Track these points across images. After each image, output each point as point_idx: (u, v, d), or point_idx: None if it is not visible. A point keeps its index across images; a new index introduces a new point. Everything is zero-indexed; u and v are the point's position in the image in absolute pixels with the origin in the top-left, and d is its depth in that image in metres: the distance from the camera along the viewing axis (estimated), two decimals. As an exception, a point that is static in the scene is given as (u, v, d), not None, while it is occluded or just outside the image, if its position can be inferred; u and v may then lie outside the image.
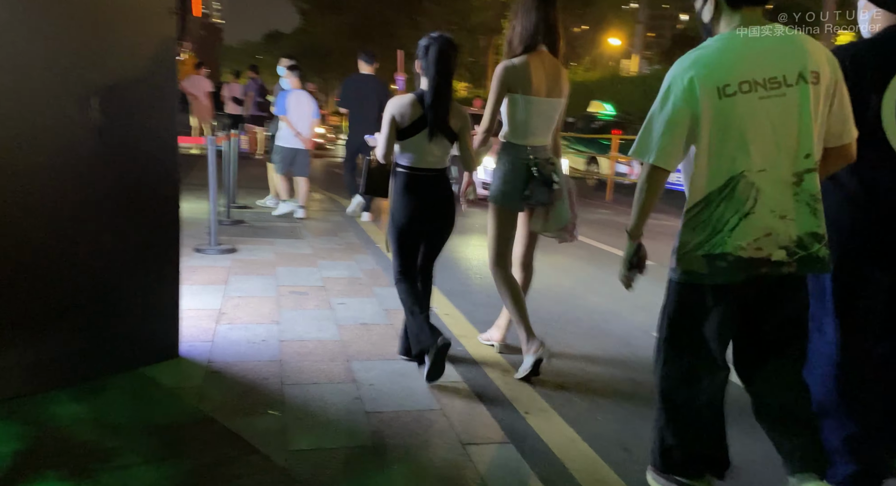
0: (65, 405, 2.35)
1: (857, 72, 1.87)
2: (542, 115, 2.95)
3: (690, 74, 1.76)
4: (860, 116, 1.86)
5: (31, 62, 2.25)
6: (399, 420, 2.45)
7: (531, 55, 2.91)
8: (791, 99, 1.73)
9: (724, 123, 1.75)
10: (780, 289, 1.85)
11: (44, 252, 2.38)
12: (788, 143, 1.74)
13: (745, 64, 1.74)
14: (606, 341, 3.68)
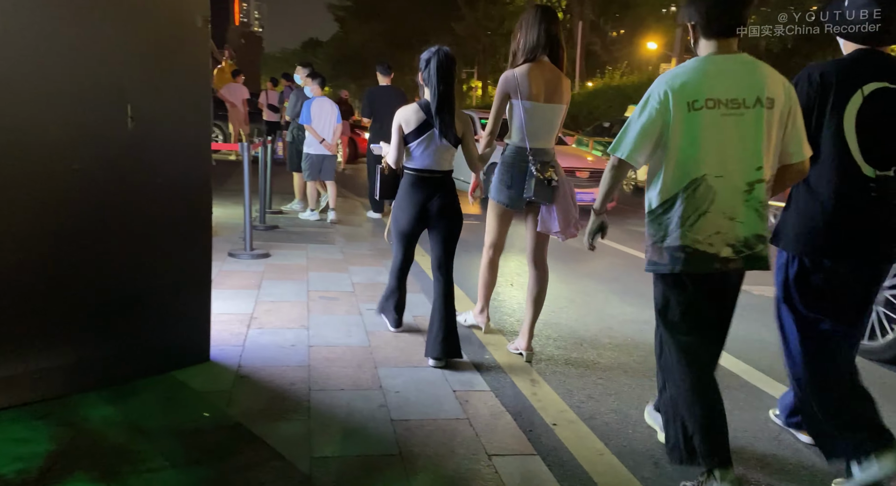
0: (98, 407, 2.40)
1: (825, 87, 2.16)
2: (542, 119, 3.15)
3: (666, 89, 2.03)
4: (827, 127, 2.15)
5: (67, 69, 2.32)
6: (424, 429, 2.42)
7: (532, 65, 3.12)
8: (748, 119, 2.00)
9: (691, 132, 2.01)
10: (730, 286, 2.14)
11: (78, 257, 2.44)
12: (743, 155, 2.01)
13: (712, 84, 2.01)
14: (638, 352, 3.60)
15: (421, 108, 3.09)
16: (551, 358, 3.40)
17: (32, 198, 2.29)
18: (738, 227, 2.02)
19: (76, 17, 2.31)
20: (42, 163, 2.30)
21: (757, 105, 2.00)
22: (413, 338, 3.43)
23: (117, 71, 2.44)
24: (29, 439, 2.14)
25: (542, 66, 3.14)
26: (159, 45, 2.56)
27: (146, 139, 2.55)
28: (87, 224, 2.45)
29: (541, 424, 2.62)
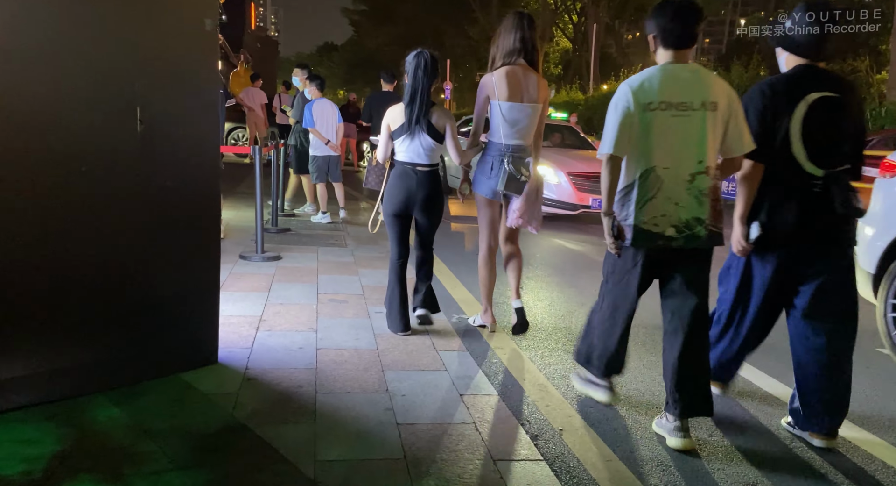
0: (105, 409, 2.41)
1: (774, 98, 2.47)
2: (519, 119, 3.40)
3: (630, 93, 2.41)
4: (776, 132, 2.45)
5: (77, 72, 2.34)
6: (430, 433, 2.41)
7: (509, 68, 3.38)
8: (694, 120, 2.37)
9: (646, 129, 2.39)
10: (679, 259, 2.50)
11: (86, 259, 2.46)
12: (688, 151, 2.39)
13: (665, 90, 2.38)
14: (649, 357, 3.55)
15: (405, 106, 3.40)
16: (560, 363, 3.37)
17: (40, 200, 2.31)
18: (681, 211, 2.41)
19: (87, 20, 2.33)
20: (51, 165, 2.32)
21: (702, 108, 2.37)
22: (421, 341, 3.42)
23: (127, 74, 2.46)
24: (36, 440, 2.15)
25: (519, 69, 3.38)
26: (168, 48, 2.57)
27: (155, 142, 2.56)
28: (95, 226, 2.46)
29: (548, 429, 2.59)
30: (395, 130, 3.44)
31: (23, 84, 2.22)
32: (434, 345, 3.37)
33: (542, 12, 31.53)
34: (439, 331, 3.62)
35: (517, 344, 3.59)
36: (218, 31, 2.77)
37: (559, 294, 4.86)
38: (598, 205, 4.21)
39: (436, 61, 3.38)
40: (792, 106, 2.44)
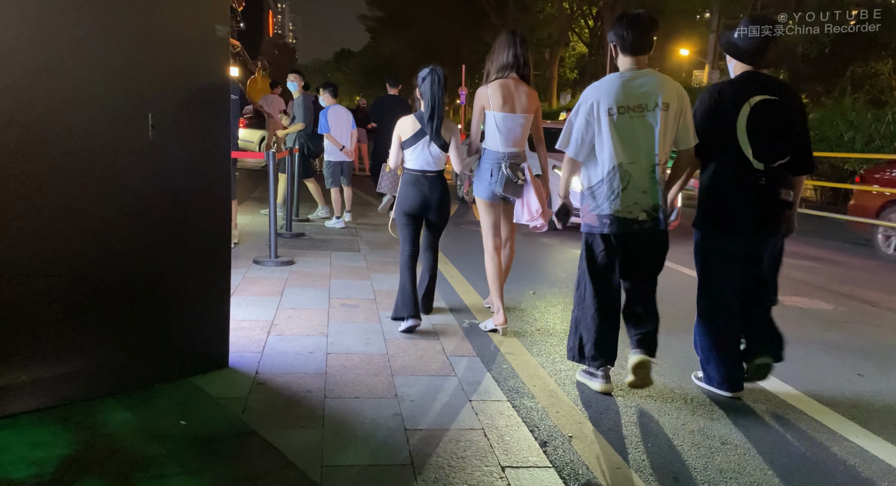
0: (116, 412, 2.43)
1: (721, 101, 2.85)
2: (512, 127, 3.66)
3: (592, 100, 2.79)
4: (724, 131, 2.82)
5: (91, 79, 2.37)
6: (438, 438, 2.39)
7: (502, 81, 3.65)
8: (649, 120, 2.75)
9: (611, 132, 2.77)
10: (644, 239, 2.85)
11: (98, 264, 2.48)
12: (647, 147, 2.77)
13: (623, 95, 2.76)
14: (662, 364, 3.51)
15: (417, 119, 3.68)
16: (571, 368, 3.33)
17: (53, 204, 2.34)
18: (649, 197, 2.79)
19: (101, 27, 2.36)
20: (66, 170, 2.35)
21: (656, 108, 2.74)
22: (430, 346, 3.41)
23: (139, 80, 2.49)
24: (47, 443, 2.17)
25: (511, 82, 3.66)
26: (180, 54, 2.60)
27: (166, 147, 2.59)
28: (107, 231, 2.49)
29: (557, 436, 2.57)
30: (406, 139, 3.70)
31: (39, 90, 2.25)
32: (444, 350, 3.36)
33: (558, 17, 31.48)
34: (449, 336, 3.60)
35: (528, 350, 3.56)
36: (229, 37, 2.80)
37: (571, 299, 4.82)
38: None
39: (446, 77, 3.68)
40: (737, 107, 2.81)
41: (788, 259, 6.94)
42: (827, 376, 3.47)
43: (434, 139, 3.65)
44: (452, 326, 3.81)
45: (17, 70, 2.20)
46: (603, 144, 2.79)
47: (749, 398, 3.07)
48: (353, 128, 7.36)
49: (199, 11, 2.64)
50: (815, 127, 12.43)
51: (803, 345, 3.97)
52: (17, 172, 2.24)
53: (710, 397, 3.05)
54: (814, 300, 5.15)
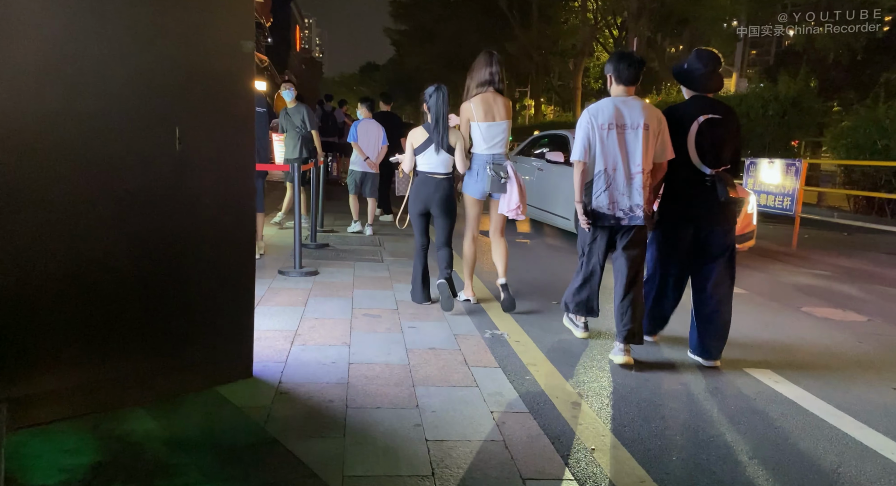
0: (142, 421, 2.47)
1: (677, 120, 3.50)
2: (493, 134, 4.32)
3: (589, 117, 3.47)
4: (679, 145, 3.47)
5: (122, 94, 2.44)
6: (458, 450, 2.39)
7: (482, 95, 4.32)
8: (633, 136, 3.41)
9: (601, 143, 3.43)
10: (623, 232, 3.51)
11: (127, 275, 2.54)
12: (629, 157, 3.42)
13: (614, 115, 3.43)
14: (686, 375, 3.45)
15: (425, 129, 4.34)
16: (594, 380, 3.30)
17: (86, 217, 2.41)
18: (626, 199, 3.44)
19: (131, 43, 2.43)
20: (98, 184, 2.42)
21: (639, 128, 3.40)
22: (452, 356, 3.41)
23: (167, 95, 2.56)
24: (76, 450, 2.22)
25: (489, 95, 4.31)
26: (207, 69, 2.66)
27: (193, 161, 2.65)
28: (135, 243, 2.55)
29: (579, 448, 2.54)
30: (418, 147, 4.36)
31: (71, 105, 2.32)
32: (466, 360, 3.35)
33: (581, 27, 31.44)
34: (471, 346, 3.59)
35: (550, 361, 3.54)
36: (254, 52, 2.85)
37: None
38: None
39: (448, 94, 4.35)
40: (688, 125, 3.46)
41: (819, 270, 6.76)
42: (861, 389, 3.38)
43: (441, 146, 4.30)
44: (474, 336, 3.81)
45: (55, 87, 2.27)
46: (595, 152, 3.47)
47: (779, 411, 3.00)
48: (384, 143, 7.77)
49: (225, 28, 2.70)
50: (848, 135, 12.16)
51: (836, 357, 3.87)
52: (52, 186, 2.31)
53: (738, 411, 2.99)
54: (847, 312, 5.02)
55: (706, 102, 3.52)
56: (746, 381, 3.40)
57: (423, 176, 4.38)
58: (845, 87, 18.43)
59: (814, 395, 3.22)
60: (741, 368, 3.60)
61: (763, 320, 4.66)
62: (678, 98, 20.43)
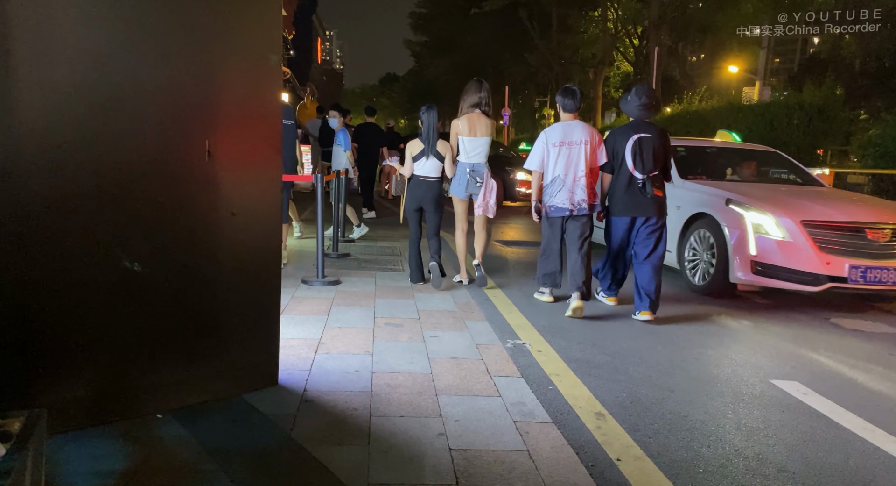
0: (172, 428, 2.52)
1: (618, 137, 4.67)
2: (475, 147, 5.26)
3: (545, 138, 4.76)
4: (620, 157, 4.63)
5: (154, 108, 2.50)
6: (482, 459, 2.39)
7: (469, 115, 5.24)
8: (577, 150, 4.65)
9: (552, 156, 4.67)
10: (574, 221, 4.74)
11: (156, 284, 2.59)
12: (574, 166, 4.65)
13: (561, 135, 4.68)
14: (713, 386, 3.42)
15: (420, 140, 5.28)
16: (619, 390, 3.28)
17: (119, 228, 2.47)
18: (575, 196, 4.70)
19: (162, 59, 2.50)
20: (130, 195, 2.48)
21: (581, 144, 4.67)
22: (475, 365, 3.41)
23: (197, 108, 2.62)
24: (107, 456, 2.27)
25: (475, 115, 5.23)
26: (235, 82, 2.72)
27: (222, 172, 2.71)
28: (166, 254, 2.60)
29: (604, 459, 2.52)
30: (415, 155, 5.28)
31: (107, 119, 2.39)
32: (488, 370, 3.36)
33: (602, 37, 31.40)
34: (493, 356, 3.60)
35: (573, 371, 3.52)
36: (281, 65, 2.91)
37: (618, 320, 4.75)
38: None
39: (437, 111, 5.40)
40: (626, 141, 4.63)
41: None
42: (893, 403, 3.31)
43: (433, 154, 5.22)
44: (496, 345, 3.81)
45: (92, 104, 2.34)
46: (549, 163, 4.77)
47: (808, 425, 2.96)
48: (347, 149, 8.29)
49: (253, 41, 2.76)
50: (877, 144, 11.95)
51: (867, 370, 3.80)
52: (86, 197, 2.38)
53: (765, 423, 2.95)
54: (877, 324, 4.93)
55: (641, 124, 4.70)
56: (774, 393, 3.36)
57: (416, 179, 5.28)
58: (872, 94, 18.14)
59: (844, 408, 3.17)
60: (768, 379, 3.55)
61: (790, 332, 4.59)
62: (699, 107, 20.33)
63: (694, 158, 6.88)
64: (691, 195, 5.82)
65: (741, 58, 30.72)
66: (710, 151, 7.12)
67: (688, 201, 5.81)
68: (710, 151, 7.16)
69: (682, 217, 5.81)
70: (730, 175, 6.69)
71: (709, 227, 5.48)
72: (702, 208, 5.57)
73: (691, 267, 5.73)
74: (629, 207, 4.63)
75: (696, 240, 5.67)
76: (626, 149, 4.59)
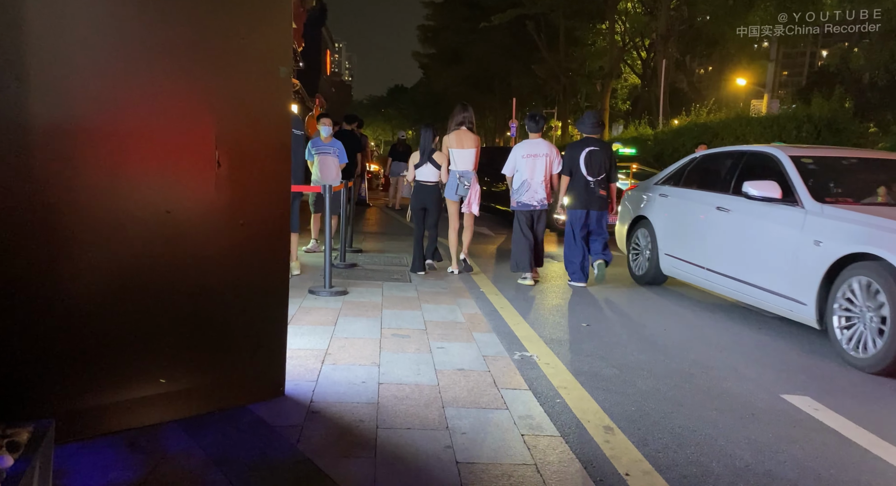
0: (179, 438, 2.51)
1: (572, 150, 6.33)
2: (463, 158, 6.42)
3: (517, 151, 6.41)
4: (575, 164, 6.23)
5: (164, 118, 2.53)
6: (489, 473, 2.37)
7: (457, 131, 6.45)
8: (539, 161, 6.27)
9: (522, 166, 6.32)
10: (537, 215, 6.36)
11: (164, 294, 2.60)
12: (538, 172, 6.26)
13: (529, 149, 6.35)
14: (723, 400, 3.38)
15: (418, 153, 6.59)
16: (627, 403, 3.25)
17: (123, 236, 2.48)
18: (538, 195, 6.24)
19: (173, 70, 2.53)
20: (139, 206, 2.49)
21: (542, 156, 6.24)
22: (482, 378, 3.39)
23: (207, 119, 2.64)
24: (115, 466, 2.27)
25: (462, 131, 6.44)
26: (246, 94, 2.74)
27: (231, 183, 2.72)
28: (175, 265, 2.61)
29: (612, 474, 2.50)
30: (416, 164, 6.54)
31: (116, 130, 2.41)
32: (495, 382, 3.34)
33: (610, 49, 31.50)
34: (500, 368, 3.58)
35: (581, 384, 3.50)
36: (291, 77, 2.93)
37: (626, 332, 4.72)
38: None
39: (436, 130, 6.78)
40: (580, 153, 6.18)
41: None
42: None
43: (430, 163, 6.47)
44: (503, 357, 3.79)
45: (106, 111, 2.37)
46: (519, 171, 6.33)
47: (819, 441, 2.92)
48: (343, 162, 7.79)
49: (264, 54, 2.78)
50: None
51: (879, 384, 3.75)
52: (96, 205, 2.40)
53: (775, 438, 2.92)
54: (887, 338, 4.86)
55: (591, 140, 6.34)
56: (784, 408, 3.32)
57: (419, 184, 6.53)
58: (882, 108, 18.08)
59: (856, 424, 3.13)
60: (778, 394, 3.51)
61: (800, 345, 4.54)
62: (707, 119, 20.37)
63: (829, 172, 5.21)
64: (838, 227, 4.21)
65: (749, 70, 30.71)
66: (850, 164, 5.45)
67: (833, 235, 4.19)
68: (849, 162, 5.49)
69: (825, 258, 4.17)
70: (884, 196, 4.87)
71: (874, 274, 3.85)
72: (861, 246, 3.97)
73: (844, 330, 4.10)
74: (584, 202, 6.25)
75: (851, 291, 4.02)
76: (580, 159, 6.21)
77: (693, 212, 5.81)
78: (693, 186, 6.13)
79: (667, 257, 6.16)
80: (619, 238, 7.22)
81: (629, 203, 7.14)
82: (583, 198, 6.20)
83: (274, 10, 2.80)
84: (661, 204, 6.43)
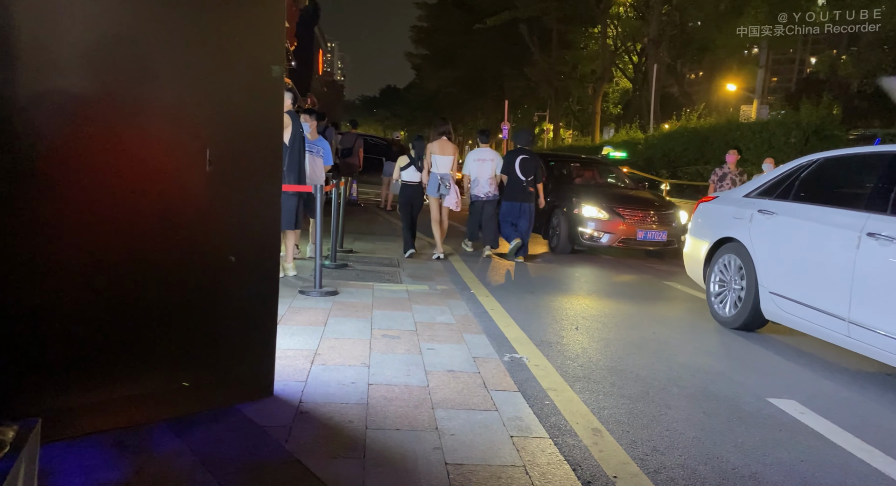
0: (166, 438, 2.49)
1: (510, 156, 8.36)
2: (443, 163, 7.61)
3: (472, 156, 8.45)
4: (511, 167, 8.17)
5: (157, 119, 2.51)
6: (477, 475, 2.37)
7: (438, 141, 7.64)
8: (487, 165, 8.23)
9: (474, 168, 8.31)
10: (487, 205, 8.42)
11: (152, 294, 2.58)
12: (486, 173, 8.23)
13: (478, 155, 8.36)
14: (710, 403, 3.41)
15: (408, 156, 7.81)
16: (615, 406, 3.27)
17: (117, 237, 2.46)
18: (485, 189, 8.18)
19: (166, 67, 2.51)
20: (131, 204, 2.48)
21: (489, 160, 8.21)
22: (471, 379, 3.40)
23: (198, 118, 2.62)
24: (101, 465, 2.24)
25: (443, 140, 7.66)
26: (238, 93, 2.73)
27: (222, 182, 2.70)
28: (165, 263, 2.60)
29: (601, 476, 2.51)
30: (403, 166, 7.73)
31: (112, 131, 2.39)
32: (485, 384, 3.34)
33: (601, 53, 31.66)
34: (490, 370, 3.58)
35: (570, 386, 3.51)
36: (284, 77, 2.93)
37: (616, 335, 4.74)
38: None
39: (424, 140, 7.98)
40: (516, 159, 8.11)
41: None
42: (893, 424, 3.30)
43: (417, 166, 7.67)
44: (493, 359, 3.80)
45: (99, 108, 2.35)
46: (473, 171, 8.17)
47: (805, 444, 2.94)
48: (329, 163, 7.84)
49: (257, 52, 2.77)
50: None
51: (865, 389, 3.79)
52: (83, 205, 2.38)
53: (762, 442, 2.94)
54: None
55: (524, 150, 8.25)
56: (771, 411, 3.35)
57: (405, 184, 7.75)
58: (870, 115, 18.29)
59: (841, 428, 3.16)
60: (765, 398, 3.54)
61: (786, 348, 4.58)
62: (697, 124, 20.50)
63: None
64: None
65: (740, 76, 30.96)
66: None
67: None
68: None
69: None
70: None
71: None
72: None
73: None
74: (517, 196, 8.05)
75: None
76: (516, 163, 8.05)
77: (822, 237, 4.11)
78: (815, 200, 4.42)
79: (774, 297, 4.44)
80: (691, 264, 5.59)
81: (704, 219, 5.45)
82: (517, 193, 8.08)
83: (268, 9, 2.79)
84: (762, 224, 4.68)
